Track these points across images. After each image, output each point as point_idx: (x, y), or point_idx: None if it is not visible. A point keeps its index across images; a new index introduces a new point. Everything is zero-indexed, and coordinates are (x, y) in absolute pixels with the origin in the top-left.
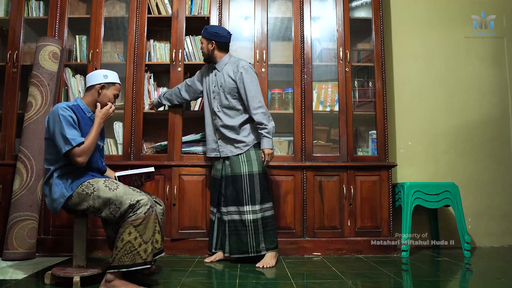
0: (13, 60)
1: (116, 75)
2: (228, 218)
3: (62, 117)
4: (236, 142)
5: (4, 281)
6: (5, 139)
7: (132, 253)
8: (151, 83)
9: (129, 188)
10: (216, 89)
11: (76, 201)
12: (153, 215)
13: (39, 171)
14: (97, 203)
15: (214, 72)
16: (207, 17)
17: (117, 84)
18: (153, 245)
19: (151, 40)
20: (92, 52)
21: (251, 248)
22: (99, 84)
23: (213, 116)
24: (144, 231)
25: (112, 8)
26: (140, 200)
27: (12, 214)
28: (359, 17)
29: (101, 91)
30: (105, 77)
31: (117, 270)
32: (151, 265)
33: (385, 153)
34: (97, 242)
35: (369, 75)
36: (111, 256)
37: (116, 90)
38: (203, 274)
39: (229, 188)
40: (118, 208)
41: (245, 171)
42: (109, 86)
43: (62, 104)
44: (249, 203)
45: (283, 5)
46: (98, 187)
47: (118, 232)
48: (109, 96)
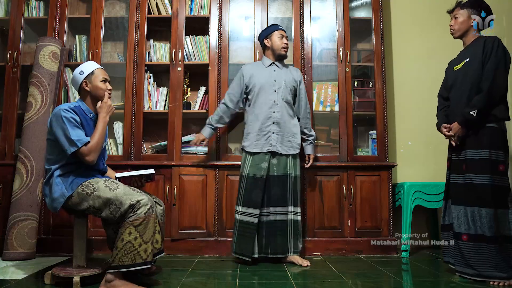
0: (13, 60)
1: (90, 63)
2: (271, 218)
3: (65, 119)
4: (294, 142)
5: (4, 281)
6: (5, 139)
7: (132, 253)
8: (151, 83)
9: (129, 188)
10: (281, 82)
11: (76, 201)
12: (153, 215)
13: (39, 171)
14: (97, 203)
15: (273, 68)
16: (207, 17)
17: (95, 70)
18: (153, 245)
19: (151, 40)
20: (92, 52)
21: (290, 249)
22: (82, 82)
23: (271, 109)
24: (144, 231)
25: (112, 8)
26: (140, 200)
27: (12, 214)
28: (359, 17)
29: (87, 87)
30: (81, 73)
31: (117, 270)
32: (151, 265)
33: (385, 153)
34: (97, 242)
35: (369, 75)
36: (111, 256)
37: (99, 75)
38: (203, 274)
39: (275, 188)
40: (118, 208)
41: (292, 172)
42: (89, 77)
43: (64, 105)
44: (291, 204)
45: (283, 5)
46: (98, 187)
47: (118, 232)
48: (98, 86)
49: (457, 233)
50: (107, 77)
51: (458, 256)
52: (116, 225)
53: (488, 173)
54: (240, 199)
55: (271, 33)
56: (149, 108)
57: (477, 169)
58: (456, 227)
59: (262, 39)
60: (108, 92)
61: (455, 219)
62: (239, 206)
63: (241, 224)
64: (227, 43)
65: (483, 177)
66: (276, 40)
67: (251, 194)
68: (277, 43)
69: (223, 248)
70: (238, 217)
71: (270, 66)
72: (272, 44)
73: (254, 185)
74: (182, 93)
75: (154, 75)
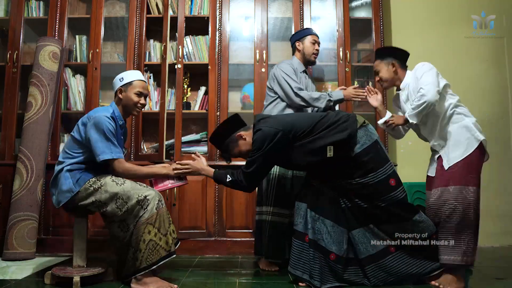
0: (13, 60)
1: (135, 72)
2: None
3: (106, 129)
4: None
5: (4, 281)
6: (5, 139)
7: (156, 249)
8: (151, 83)
9: (136, 183)
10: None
11: (82, 195)
12: (164, 208)
13: (39, 171)
14: (103, 197)
15: (304, 75)
16: (207, 17)
17: (134, 82)
18: (172, 235)
19: (151, 40)
20: (92, 52)
21: None
22: (118, 89)
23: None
24: (160, 225)
25: (112, 8)
26: (148, 195)
27: (12, 214)
28: (359, 17)
29: (121, 95)
30: (121, 80)
31: (147, 270)
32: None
33: None
34: (97, 242)
35: (369, 75)
36: (136, 260)
37: (136, 88)
38: (203, 274)
39: (296, 188)
40: (125, 202)
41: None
42: (126, 87)
43: (105, 112)
44: None
45: (283, 5)
46: (106, 182)
47: (134, 234)
48: (130, 98)
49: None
50: (143, 90)
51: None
52: (122, 222)
53: None
54: (270, 199)
55: (304, 36)
56: (149, 108)
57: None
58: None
59: (294, 41)
60: (138, 106)
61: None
62: (269, 206)
63: (272, 226)
64: (227, 43)
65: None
66: (308, 45)
67: (279, 194)
68: (309, 48)
69: (223, 248)
70: (269, 218)
71: (302, 74)
72: (303, 48)
73: (281, 185)
74: (181, 93)
75: (154, 75)
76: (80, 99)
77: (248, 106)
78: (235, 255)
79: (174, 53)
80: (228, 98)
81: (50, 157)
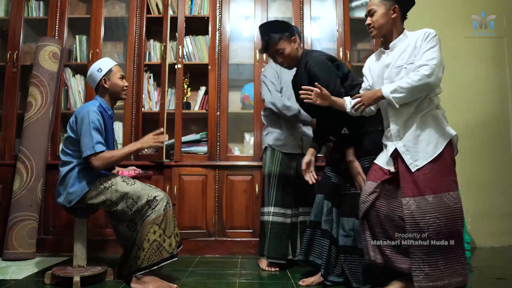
0: (13, 60)
1: (107, 60)
2: (300, 219)
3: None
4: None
5: (4, 281)
6: (5, 139)
7: (159, 250)
8: (151, 83)
9: (146, 184)
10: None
11: (92, 194)
12: (171, 210)
13: (39, 171)
14: (114, 197)
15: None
16: (207, 17)
17: (113, 68)
18: (175, 238)
19: (151, 40)
20: (92, 52)
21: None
22: (101, 80)
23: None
24: (166, 227)
25: (112, 8)
26: (157, 196)
27: (12, 214)
28: (359, 17)
29: (106, 84)
30: (100, 70)
31: (148, 270)
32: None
33: None
34: (97, 242)
35: None
36: (137, 258)
37: (117, 73)
38: (203, 274)
39: (301, 188)
40: (135, 202)
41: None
42: (109, 75)
43: (94, 107)
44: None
45: (283, 5)
46: (116, 181)
47: (139, 233)
48: (117, 83)
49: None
50: (123, 73)
51: None
52: (131, 221)
53: None
54: (271, 200)
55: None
56: (149, 108)
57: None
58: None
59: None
60: (124, 89)
61: None
62: (271, 207)
63: (274, 226)
64: (227, 43)
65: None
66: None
67: (284, 193)
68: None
69: (223, 248)
70: (270, 219)
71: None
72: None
73: (287, 184)
74: (181, 93)
75: (154, 75)
76: (80, 99)
77: (248, 106)
78: (235, 255)
79: (174, 53)
80: (228, 98)
81: (50, 157)
